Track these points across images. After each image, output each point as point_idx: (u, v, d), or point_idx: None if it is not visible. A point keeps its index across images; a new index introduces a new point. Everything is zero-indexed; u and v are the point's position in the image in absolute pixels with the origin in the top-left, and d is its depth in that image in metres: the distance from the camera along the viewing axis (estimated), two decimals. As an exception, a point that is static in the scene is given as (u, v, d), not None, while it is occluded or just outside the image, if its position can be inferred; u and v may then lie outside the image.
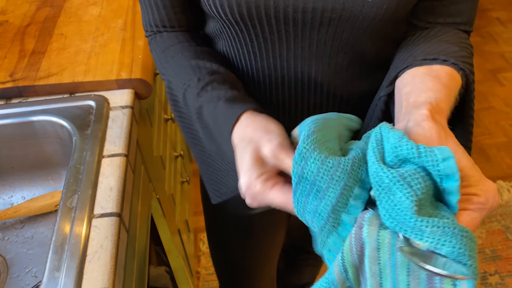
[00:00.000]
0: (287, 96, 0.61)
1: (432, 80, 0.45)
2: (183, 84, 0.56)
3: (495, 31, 2.76)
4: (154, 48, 0.64)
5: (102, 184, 0.69)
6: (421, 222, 0.31)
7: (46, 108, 0.82)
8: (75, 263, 0.59)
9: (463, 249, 0.31)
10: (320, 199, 0.37)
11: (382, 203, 0.33)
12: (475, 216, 0.35)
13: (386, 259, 0.34)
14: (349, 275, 0.35)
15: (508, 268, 1.59)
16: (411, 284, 0.33)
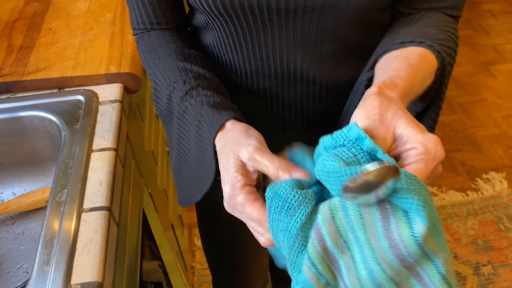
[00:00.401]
0: (274, 86, 0.61)
1: (399, 61, 0.46)
2: (169, 85, 0.56)
3: (487, 24, 2.77)
4: (142, 48, 0.64)
5: (91, 179, 0.69)
6: (354, 169, 0.33)
7: (34, 104, 0.82)
8: (64, 257, 0.59)
9: (405, 186, 0.32)
10: (290, 217, 0.37)
11: (326, 182, 0.36)
12: (419, 166, 0.36)
13: (343, 224, 0.35)
14: (318, 268, 0.36)
15: (501, 259, 1.61)
16: (370, 238, 0.34)
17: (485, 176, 1.90)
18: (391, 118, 0.38)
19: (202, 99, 0.52)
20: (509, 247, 1.64)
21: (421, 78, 0.46)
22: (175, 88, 0.55)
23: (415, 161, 0.36)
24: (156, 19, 0.61)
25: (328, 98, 0.62)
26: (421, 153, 0.36)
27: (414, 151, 0.36)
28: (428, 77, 0.48)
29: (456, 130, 2.10)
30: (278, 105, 0.63)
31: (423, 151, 0.36)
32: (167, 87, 0.57)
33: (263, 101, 0.63)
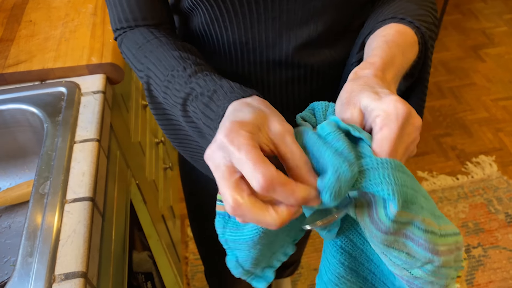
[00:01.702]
0: (259, 70, 0.61)
1: (377, 39, 0.48)
2: (166, 76, 0.52)
3: (476, 8, 2.77)
4: (127, 46, 0.59)
5: (74, 170, 0.69)
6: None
7: (16, 96, 0.81)
8: (48, 248, 0.59)
9: (375, 178, 0.35)
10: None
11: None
12: (385, 133, 0.37)
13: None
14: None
15: (491, 240, 1.63)
16: (362, 222, 0.40)
17: (475, 160, 1.91)
18: (356, 96, 0.40)
19: (212, 77, 0.47)
20: (499, 229, 1.66)
21: (401, 51, 0.47)
22: (173, 76, 0.51)
23: (380, 128, 0.37)
24: (140, 13, 0.58)
25: (313, 80, 0.62)
26: (384, 119, 0.37)
27: (378, 119, 0.37)
28: (409, 50, 0.48)
29: (445, 115, 2.11)
30: (264, 89, 0.63)
31: (384, 116, 0.37)
32: (165, 77, 0.52)
33: (249, 85, 0.63)
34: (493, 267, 1.55)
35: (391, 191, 0.34)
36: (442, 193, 1.79)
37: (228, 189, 0.35)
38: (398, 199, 0.35)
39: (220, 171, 0.36)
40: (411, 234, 0.38)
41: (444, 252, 0.38)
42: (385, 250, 0.39)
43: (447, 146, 1.98)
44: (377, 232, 0.38)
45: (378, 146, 0.37)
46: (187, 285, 1.52)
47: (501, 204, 1.75)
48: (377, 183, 0.35)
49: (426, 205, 0.38)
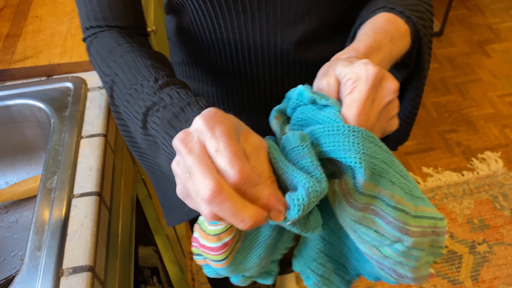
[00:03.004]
0: (254, 67, 0.61)
1: (365, 27, 0.48)
2: (134, 84, 0.48)
3: (482, 3, 2.75)
4: (97, 48, 0.55)
5: (81, 165, 0.69)
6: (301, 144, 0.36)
7: (23, 92, 0.81)
8: (55, 242, 0.59)
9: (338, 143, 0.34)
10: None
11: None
12: (355, 94, 0.37)
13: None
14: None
15: (496, 237, 1.62)
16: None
17: (481, 156, 1.90)
18: (332, 66, 0.40)
19: (178, 91, 0.45)
20: (504, 226, 1.66)
21: (389, 38, 0.46)
22: (142, 86, 0.47)
23: (351, 91, 0.37)
24: (112, 13, 0.55)
25: (309, 76, 0.62)
26: (354, 81, 0.37)
27: (349, 81, 0.37)
28: (399, 38, 0.48)
29: (451, 111, 2.10)
30: (260, 86, 0.63)
31: (355, 78, 0.37)
32: (131, 85, 0.49)
33: (244, 82, 0.63)
34: (498, 264, 1.55)
35: (358, 159, 0.34)
36: (448, 189, 1.78)
37: (208, 171, 0.30)
38: (364, 168, 0.34)
39: (196, 154, 0.31)
40: (380, 210, 0.37)
41: (415, 233, 0.37)
42: (354, 226, 0.38)
43: (452, 142, 1.97)
44: (346, 205, 0.37)
45: (347, 108, 0.36)
46: (192, 280, 1.53)
47: (506, 200, 1.74)
48: (345, 150, 0.34)
49: (399, 183, 0.37)
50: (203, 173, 0.30)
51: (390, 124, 0.40)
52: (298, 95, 0.39)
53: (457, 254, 1.58)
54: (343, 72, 0.38)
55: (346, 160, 0.34)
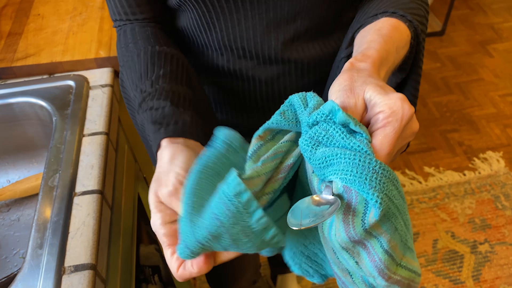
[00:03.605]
0: (250, 67, 0.61)
1: (372, 33, 0.47)
2: (132, 90, 0.55)
3: (484, 3, 2.74)
4: (118, 44, 0.62)
5: (83, 163, 0.69)
6: (318, 161, 0.36)
7: (25, 90, 0.81)
8: (57, 240, 0.59)
9: (358, 177, 0.34)
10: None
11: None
12: (388, 131, 0.36)
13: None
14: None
15: (498, 237, 1.62)
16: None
17: (482, 156, 1.90)
18: (360, 85, 0.38)
19: (149, 115, 0.50)
20: (506, 225, 1.65)
21: (395, 48, 0.46)
22: (135, 96, 0.54)
23: (383, 125, 0.36)
24: (130, 8, 0.59)
25: (304, 76, 0.62)
26: (388, 116, 0.36)
27: (381, 114, 0.36)
28: (403, 47, 0.48)
29: (453, 110, 2.10)
30: (255, 86, 0.63)
31: (389, 113, 0.36)
32: (131, 85, 0.55)
33: (239, 82, 0.63)
34: (499, 263, 1.54)
35: (380, 199, 0.33)
36: (449, 189, 1.78)
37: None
38: (381, 210, 0.33)
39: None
40: (371, 248, 0.37)
41: (392, 279, 0.38)
42: (338, 250, 0.38)
43: (454, 142, 1.96)
44: (342, 232, 0.36)
45: (379, 143, 0.36)
46: (193, 279, 1.53)
47: (508, 200, 1.73)
48: (371, 186, 0.33)
49: (401, 231, 0.37)
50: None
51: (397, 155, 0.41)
52: (330, 112, 0.37)
53: (458, 253, 1.57)
54: (375, 100, 0.37)
55: (366, 196, 0.33)
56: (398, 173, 1.84)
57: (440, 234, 1.63)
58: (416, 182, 1.81)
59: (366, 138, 0.35)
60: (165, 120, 0.48)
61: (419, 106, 2.11)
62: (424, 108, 2.11)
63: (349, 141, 0.35)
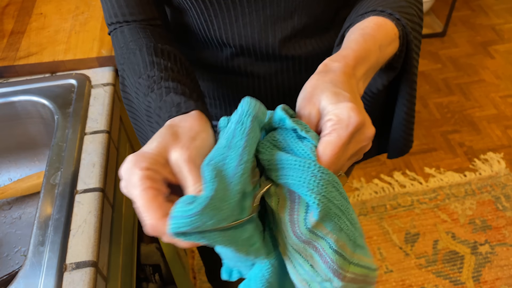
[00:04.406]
0: (248, 63, 0.62)
1: (355, 32, 0.47)
2: (135, 82, 0.52)
3: (486, 4, 2.75)
4: (115, 44, 0.60)
5: (84, 161, 0.69)
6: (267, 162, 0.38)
7: (27, 88, 0.82)
8: (59, 238, 0.59)
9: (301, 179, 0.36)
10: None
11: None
12: (332, 138, 0.37)
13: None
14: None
15: (498, 238, 1.62)
16: (279, 211, 0.39)
17: (483, 157, 1.90)
18: (319, 93, 0.40)
19: (169, 90, 0.47)
20: (506, 226, 1.65)
21: (377, 46, 0.46)
22: (140, 83, 0.51)
23: (329, 132, 0.38)
24: (128, 9, 0.58)
25: (302, 71, 0.63)
26: (334, 123, 0.37)
27: (329, 122, 0.38)
28: (387, 45, 0.48)
29: (454, 111, 2.10)
30: (253, 81, 0.63)
31: (336, 121, 0.37)
32: (134, 83, 0.53)
33: (238, 78, 0.64)
34: (500, 264, 1.54)
35: (317, 201, 0.36)
36: (450, 189, 1.78)
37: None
38: (320, 210, 0.36)
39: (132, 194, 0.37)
40: (321, 249, 0.39)
41: (347, 278, 0.40)
42: (293, 255, 0.40)
43: (455, 143, 1.97)
44: (291, 233, 0.38)
45: (322, 148, 0.37)
46: (193, 279, 1.53)
47: (509, 201, 1.74)
48: (309, 188, 0.35)
49: (347, 229, 0.39)
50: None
51: (358, 158, 0.42)
52: (280, 120, 0.39)
53: (459, 254, 1.58)
54: (327, 108, 0.38)
55: (306, 198, 0.36)
56: (398, 174, 1.84)
57: (441, 235, 1.63)
58: (416, 182, 1.81)
59: (312, 143, 0.38)
60: (194, 95, 0.47)
61: (419, 107, 2.12)
62: (425, 109, 2.11)
63: (297, 145, 0.38)
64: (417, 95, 2.18)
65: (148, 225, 0.35)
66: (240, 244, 0.37)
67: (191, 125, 0.40)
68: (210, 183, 0.34)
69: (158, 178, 0.36)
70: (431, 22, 2.55)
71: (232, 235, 0.36)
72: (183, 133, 0.39)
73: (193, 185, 0.36)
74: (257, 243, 0.38)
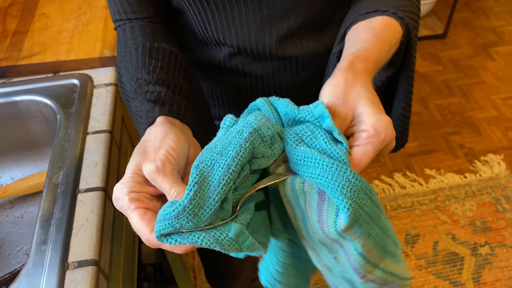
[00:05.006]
0: (246, 63, 0.62)
1: (366, 31, 0.48)
2: (127, 82, 0.55)
3: (486, 6, 2.75)
4: (118, 41, 0.62)
5: (87, 160, 0.70)
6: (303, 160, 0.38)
7: (30, 88, 0.82)
8: (61, 237, 0.60)
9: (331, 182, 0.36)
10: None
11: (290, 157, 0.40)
12: (367, 149, 0.38)
13: (289, 192, 0.40)
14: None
15: (498, 239, 1.62)
16: (307, 209, 0.39)
17: (483, 158, 1.90)
18: (354, 97, 0.40)
19: (145, 97, 0.49)
20: (506, 228, 1.66)
21: (388, 47, 0.47)
22: (131, 85, 0.54)
23: (364, 144, 0.38)
24: (130, 7, 0.60)
25: (299, 71, 0.63)
26: (371, 136, 0.38)
27: (365, 133, 0.38)
28: (394, 45, 0.49)
29: (454, 113, 2.10)
30: (251, 81, 0.64)
31: (373, 134, 0.38)
32: (127, 82, 0.55)
33: (236, 77, 0.64)
34: (500, 266, 1.55)
35: (348, 206, 0.36)
36: (450, 191, 1.78)
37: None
38: (349, 215, 0.36)
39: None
40: (347, 249, 0.39)
41: (367, 278, 0.40)
42: (317, 245, 0.41)
43: (455, 144, 1.97)
44: (319, 230, 0.39)
45: (358, 159, 0.38)
46: (194, 279, 1.53)
47: (509, 203, 1.74)
48: (343, 193, 0.36)
49: (376, 235, 0.39)
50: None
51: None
52: (319, 116, 0.39)
53: (459, 256, 1.58)
54: (364, 117, 0.39)
55: (337, 201, 0.36)
56: (399, 175, 1.84)
57: (441, 236, 1.63)
58: (417, 184, 1.81)
59: (345, 148, 0.38)
60: (161, 100, 0.48)
61: (420, 109, 2.12)
62: (425, 110, 2.11)
63: (331, 147, 0.38)
64: (417, 97, 2.18)
65: (144, 240, 0.39)
66: (226, 243, 0.37)
67: (155, 135, 0.43)
68: (189, 190, 0.36)
69: (142, 197, 0.40)
70: (432, 24, 2.55)
71: (216, 235, 0.37)
72: (149, 147, 0.42)
73: (168, 193, 0.39)
74: (247, 240, 0.38)
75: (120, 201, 0.40)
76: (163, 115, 0.46)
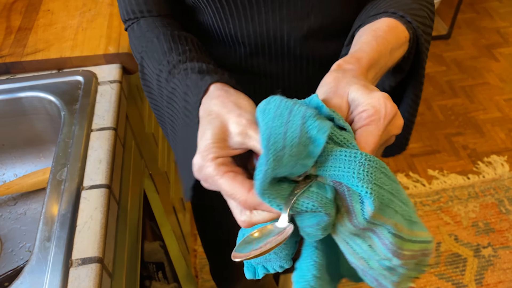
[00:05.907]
0: (262, 62, 0.61)
1: (367, 33, 0.47)
2: (155, 69, 0.54)
3: (491, 7, 2.74)
4: (131, 37, 0.61)
5: (91, 157, 0.69)
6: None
7: (34, 84, 0.82)
8: (65, 234, 0.60)
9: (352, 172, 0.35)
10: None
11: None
12: (371, 129, 0.37)
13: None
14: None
15: (501, 241, 1.62)
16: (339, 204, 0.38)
17: (487, 159, 1.90)
18: (344, 86, 0.39)
19: (187, 72, 0.48)
20: (509, 230, 1.65)
21: (389, 50, 0.46)
22: (161, 70, 0.52)
23: (367, 124, 0.37)
24: (146, 6, 0.59)
25: (316, 72, 0.63)
26: (372, 114, 0.37)
27: (365, 113, 0.37)
28: (398, 48, 0.48)
29: (458, 114, 2.09)
30: (266, 81, 0.63)
31: (373, 112, 0.37)
32: (154, 70, 0.54)
33: (251, 78, 0.64)
34: (503, 268, 1.54)
35: (370, 190, 0.34)
36: (453, 192, 1.78)
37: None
38: (374, 200, 0.35)
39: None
40: (380, 233, 0.38)
41: (406, 256, 0.39)
42: (349, 237, 0.40)
43: (458, 145, 1.96)
44: (347, 223, 0.38)
45: (363, 140, 0.37)
46: (196, 278, 1.53)
47: (512, 204, 1.73)
48: (359, 178, 0.34)
49: (401, 210, 0.38)
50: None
51: (386, 145, 0.42)
52: (315, 108, 0.38)
53: (461, 257, 1.57)
54: (359, 100, 0.38)
55: (357, 189, 0.35)
56: (402, 175, 1.84)
57: (443, 237, 1.63)
58: (419, 184, 1.81)
59: (351, 133, 0.37)
60: (208, 70, 0.47)
61: (423, 109, 2.11)
62: (429, 111, 2.11)
63: (336, 133, 0.36)
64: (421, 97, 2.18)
65: (241, 202, 0.37)
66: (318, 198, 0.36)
67: (223, 99, 0.41)
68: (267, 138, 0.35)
69: (228, 160, 0.38)
70: (436, 24, 2.55)
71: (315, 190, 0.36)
72: (226, 106, 0.40)
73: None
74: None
75: (205, 168, 0.38)
76: (217, 82, 0.44)
